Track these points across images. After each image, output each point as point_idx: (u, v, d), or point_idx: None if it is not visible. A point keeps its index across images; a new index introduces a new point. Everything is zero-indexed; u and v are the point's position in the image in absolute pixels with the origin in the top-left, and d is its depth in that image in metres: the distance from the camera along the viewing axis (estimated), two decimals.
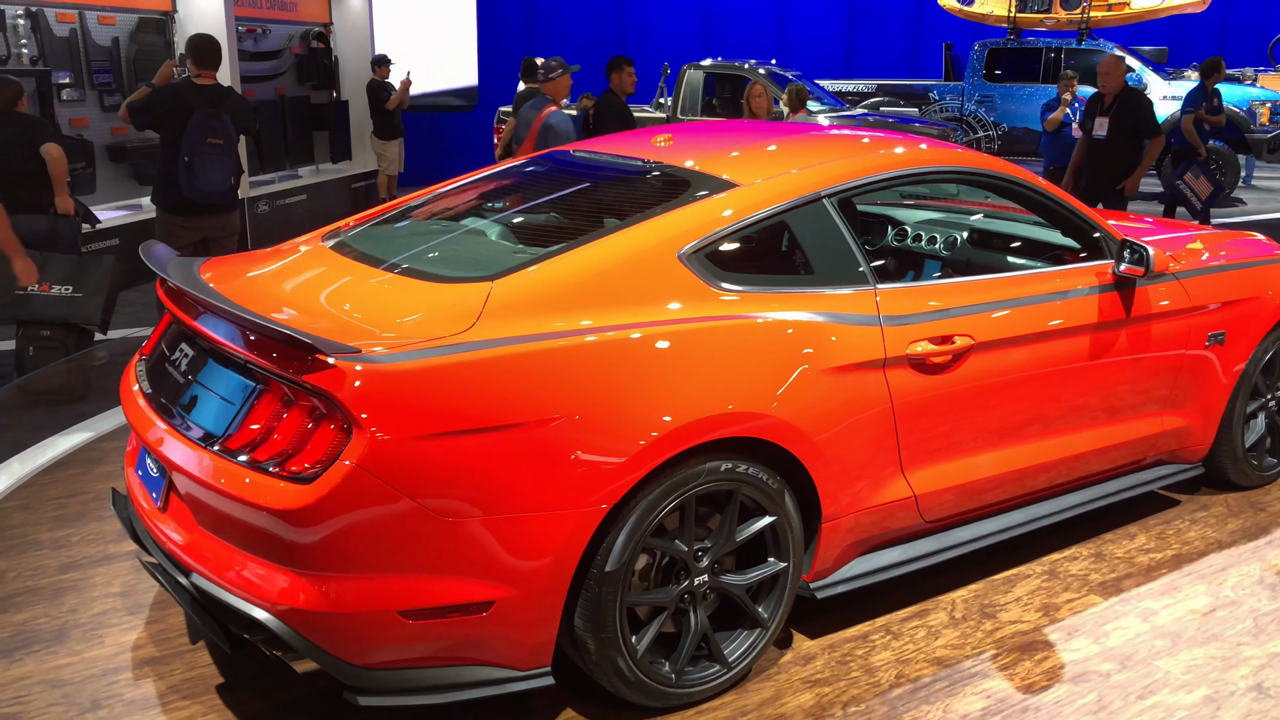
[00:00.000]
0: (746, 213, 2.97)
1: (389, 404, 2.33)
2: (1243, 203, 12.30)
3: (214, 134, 5.65)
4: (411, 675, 2.47)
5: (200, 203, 5.76)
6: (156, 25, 9.18)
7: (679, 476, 2.63)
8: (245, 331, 2.54)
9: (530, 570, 2.46)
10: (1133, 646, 3.16)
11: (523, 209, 3.28)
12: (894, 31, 19.52)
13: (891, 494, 3.11)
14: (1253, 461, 4.25)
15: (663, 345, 2.64)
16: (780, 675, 2.99)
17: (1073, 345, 3.45)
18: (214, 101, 5.77)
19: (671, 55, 13.75)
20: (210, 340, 2.64)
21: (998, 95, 13.79)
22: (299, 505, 2.30)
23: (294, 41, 11.37)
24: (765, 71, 11.61)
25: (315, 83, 11.70)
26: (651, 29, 17.61)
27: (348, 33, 12.22)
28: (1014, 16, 14.75)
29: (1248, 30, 21.22)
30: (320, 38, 11.70)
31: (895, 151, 3.40)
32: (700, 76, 11.57)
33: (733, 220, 2.94)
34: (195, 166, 5.63)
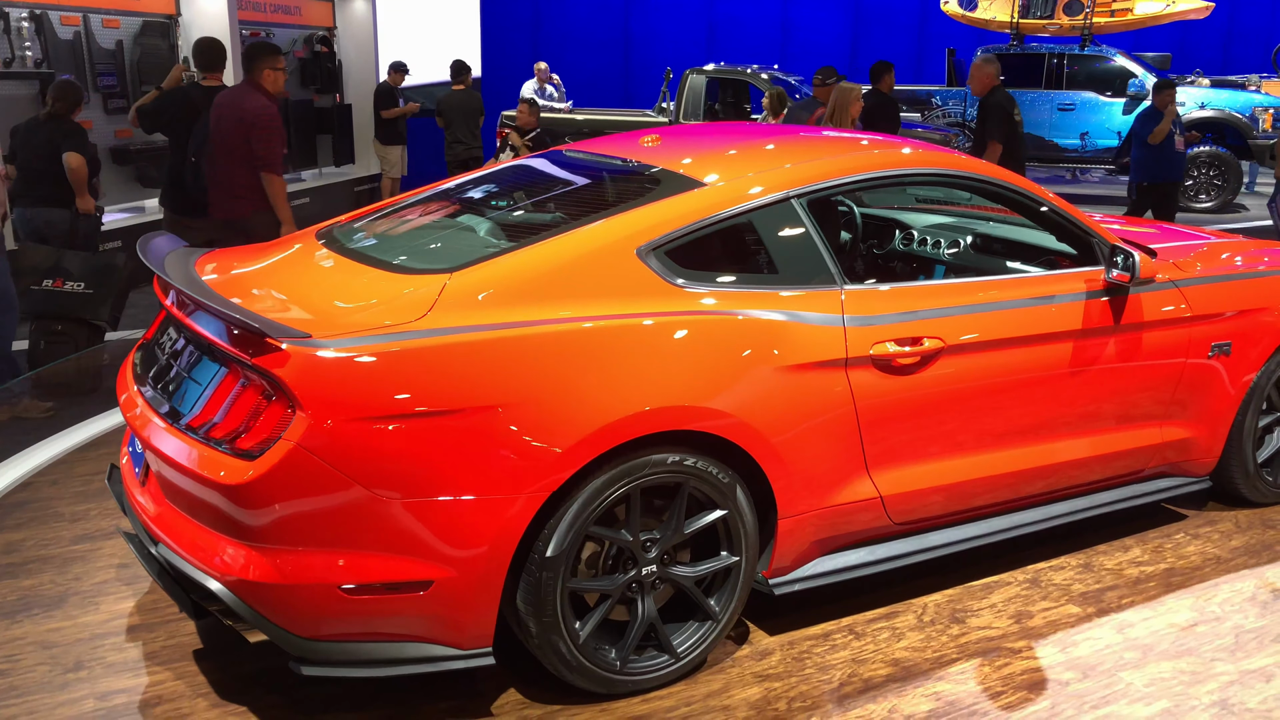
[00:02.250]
0: (710, 211, 3.02)
1: (331, 387, 2.45)
2: (1245, 209, 12.00)
3: None
4: (353, 649, 2.59)
5: (205, 203, 5.79)
6: (160, 28, 9.30)
7: (623, 467, 2.69)
8: (210, 316, 2.69)
9: (468, 552, 2.55)
10: (1100, 657, 3.12)
11: (503, 206, 3.38)
12: (898, 37, 19.47)
13: (855, 494, 3.12)
14: (1267, 477, 4.13)
15: (610, 339, 2.71)
16: (733, 669, 3.03)
17: (1056, 351, 3.41)
18: None
19: (676, 60, 13.84)
20: (183, 324, 2.80)
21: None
22: (242, 481, 2.43)
23: (298, 45, 11.48)
24: (768, 77, 11.56)
25: (319, 86, 11.78)
26: (656, 33, 17.73)
27: (351, 36, 12.33)
28: (1017, 23, 14.66)
29: (1253, 37, 20.98)
30: (324, 41, 11.83)
31: (869, 154, 3.41)
32: (703, 81, 11.61)
33: (695, 218, 2.99)
34: (204, 166, 5.72)
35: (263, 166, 5.58)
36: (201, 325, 2.73)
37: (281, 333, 2.49)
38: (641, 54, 17.51)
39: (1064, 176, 15.42)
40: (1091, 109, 13.38)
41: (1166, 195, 9.21)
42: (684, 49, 16.99)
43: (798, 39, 18.89)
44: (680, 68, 12.19)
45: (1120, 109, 13.21)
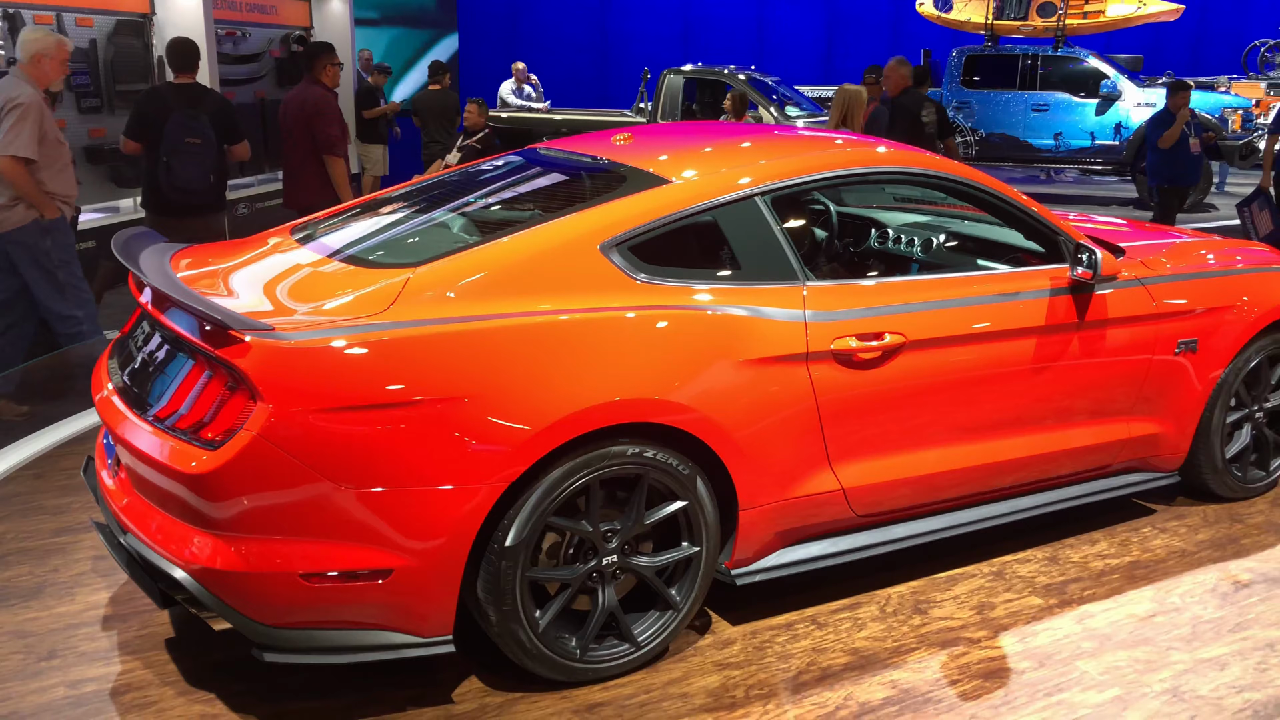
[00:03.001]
0: (673, 208, 3.07)
1: (292, 378, 2.51)
2: (1215, 208, 12.14)
3: (192, 133, 5.78)
4: (315, 636, 2.64)
5: (181, 202, 5.87)
6: (134, 27, 9.21)
7: (582, 458, 2.74)
8: (178, 310, 2.74)
9: (427, 542, 2.60)
10: (1057, 647, 3.16)
11: (474, 203, 3.43)
12: (873, 38, 19.70)
13: (817, 486, 3.17)
14: (1235, 473, 4.17)
15: (569, 332, 2.76)
16: (695, 657, 3.08)
17: (1020, 347, 3.45)
18: (192, 102, 5.91)
19: (652, 60, 13.92)
20: (155, 318, 2.86)
21: (975, 101, 13.86)
22: (204, 470, 2.49)
23: (274, 44, 11.43)
24: (745, 77, 11.62)
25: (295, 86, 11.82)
26: (632, 34, 17.93)
27: (328, 36, 12.20)
28: (991, 24, 14.81)
29: (1222, 39, 21.41)
30: (300, 41, 11.75)
31: (834, 153, 3.46)
32: (680, 81, 11.67)
33: (658, 215, 3.04)
34: (174, 165, 5.77)
35: (325, 150, 6.35)
36: (170, 319, 2.78)
37: (244, 325, 2.55)
38: (618, 54, 17.70)
39: (1039, 176, 15.55)
40: (1065, 109, 13.52)
41: (1183, 199, 9.11)
42: (660, 49, 17.19)
43: (773, 40, 19.19)
44: (656, 68, 12.27)
45: (1093, 110, 13.36)
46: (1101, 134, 13.33)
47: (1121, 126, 13.25)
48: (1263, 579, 3.59)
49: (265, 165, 11.09)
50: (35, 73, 5.16)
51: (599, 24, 17.88)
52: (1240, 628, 3.28)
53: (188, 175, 5.81)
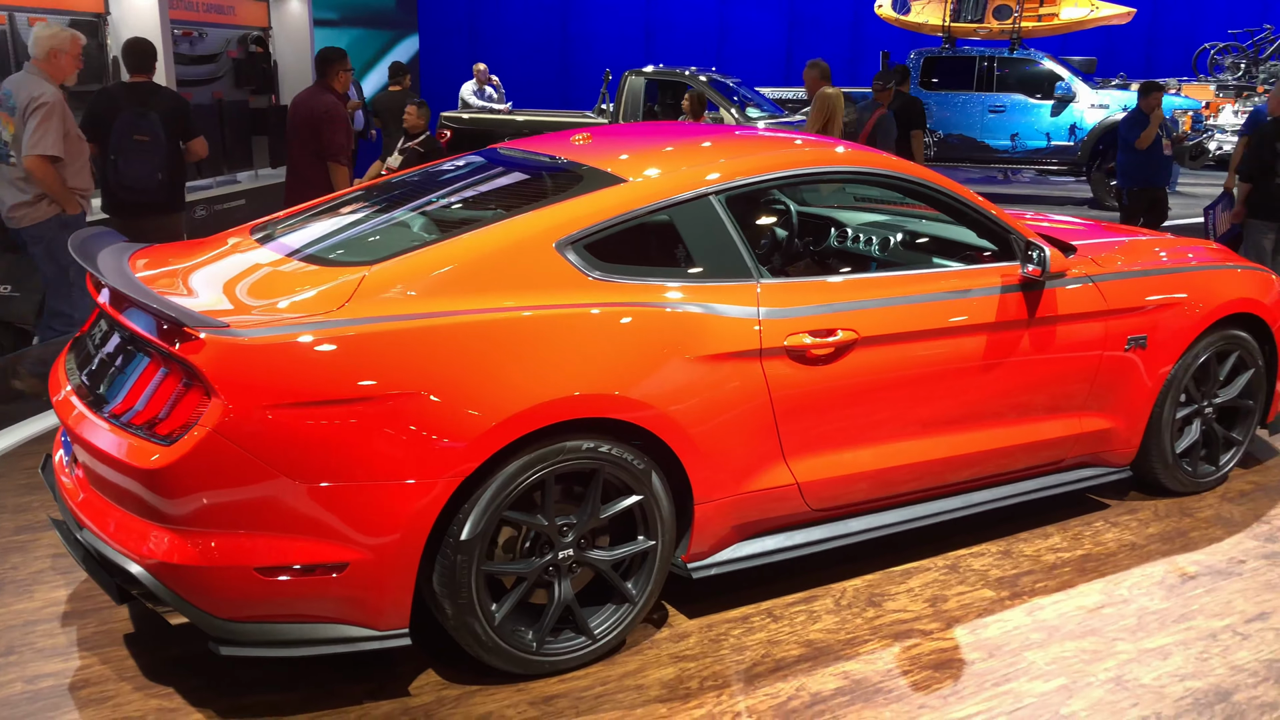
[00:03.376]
0: (628, 207, 3.11)
1: (246, 374, 2.53)
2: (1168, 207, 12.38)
3: (139, 131, 5.71)
4: (271, 629, 2.66)
5: (131, 201, 5.82)
6: (89, 27, 9.07)
7: (537, 453, 2.78)
8: (135, 308, 2.76)
9: (382, 535, 2.63)
10: (1007, 638, 3.22)
11: (433, 202, 3.45)
12: (833, 40, 20.05)
13: (772, 481, 3.22)
14: (1186, 467, 4.25)
15: (523, 329, 2.80)
16: (651, 650, 3.12)
17: (971, 343, 3.51)
18: (142, 100, 5.85)
19: (613, 61, 14.00)
20: (111, 317, 2.88)
21: (933, 103, 14.07)
22: (159, 465, 2.51)
23: (231, 45, 11.33)
24: (706, 79, 11.72)
25: (254, 87, 11.61)
26: (594, 36, 18.09)
27: (287, 37, 12.20)
28: (948, 26, 15.09)
29: (1172, 42, 22.02)
30: (259, 42, 11.69)
31: (789, 152, 3.51)
32: (642, 83, 11.75)
33: (613, 214, 3.08)
34: (120, 164, 5.72)
35: (329, 156, 6.39)
36: (127, 317, 2.80)
37: (198, 321, 2.57)
38: (579, 56, 17.85)
39: (996, 177, 15.80)
40: (1021, 110, 13.72)
41: (1155, 201, 9.01)
42: (622, 51, 17.32)
43: (733, 41, 19.44)
44: (618, 69, 12.33)
45: (1049, 111, 13.58)
46: (1057, 135, 13.57)
47: (1076, 127, 13.49)
48: (1209, 571, 3.67)
49: (224, 167, 10.95)
50: (51, 69, 5.21)
51: (560, 26, 18.02)
52: (1184, 618, 3.35)
53: (135, 173, 5.74)
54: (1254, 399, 4.37)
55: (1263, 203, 7.01)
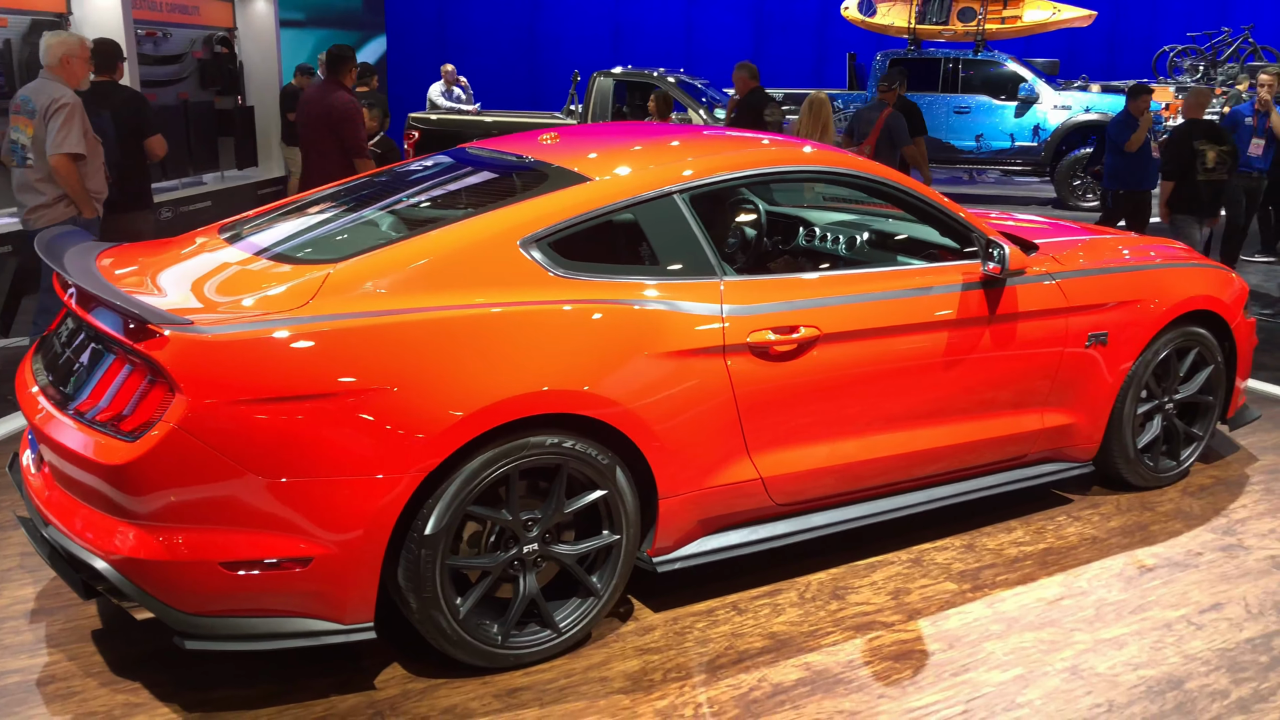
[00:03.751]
0: (592, 205, 3.15)
1: (210, 370, 2.55)
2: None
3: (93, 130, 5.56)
4: (236, 624, 2.68)
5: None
6: (50, 27, 8.79)
7: (501, 449, 2.81)
8: (100, 305, 2.78)
9: (346, 530, 2.65)
10: (967, 629, 3.28)
11: (400, 201, 3.48)
12: (799, 42, 20.44)
13: (736, 475, 3.26)
14: (1147, 462, 4.32)
15: (485, 326, 2.83)
16: (617, 643, 3.16)
17: (933, 340, 3.56)
18: (96, 100, 5.79)
19: (582, 62, 14.10)
20: (78, 315, 2.89)
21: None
22: (123, 461, 2.53)
23: (197, 46, 11.23)
24: (674, 80, 11.82)
25: (219, 88, 11.51)
26: (562, 37, 18.24)
27: (253, 37, 12.06)
28: (914, 28, 15.38)
29: (1133, 44, 22.63)
30: (224, 42, 11.59)
31: (753, 152, 3.55)
32: (610, 84, 11.83)
33: (577, 212, 3.12)
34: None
35: (354, 153, 6.59)
36: (92, 315, 2.82)
37: (163, 319, 2.59)
38: (548, 56, 18.00)
39: (962, 177, 15.99)
40: (986, 112, 13.92)
41: (1140, 204, 8.78)
42: (590, 52, 17.44)
43: (701, 43, 19.67)
44: (586, 70, 12.40)
45: (1013, 112, 13.79)
46: (1021, 135, 13.76)
47: (1040, 128, 13.68)
48: (1166, 563, 3.74)
49: (190, 168, 10.80)
50: (66, 74, 5.30)
51: (528, 27, 18.16)
52: (1141, 609, 3.41)
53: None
54: (1214, 395, 4.44)
55: (1186, 199, 7.46)
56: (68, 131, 5.10)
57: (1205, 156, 7.34)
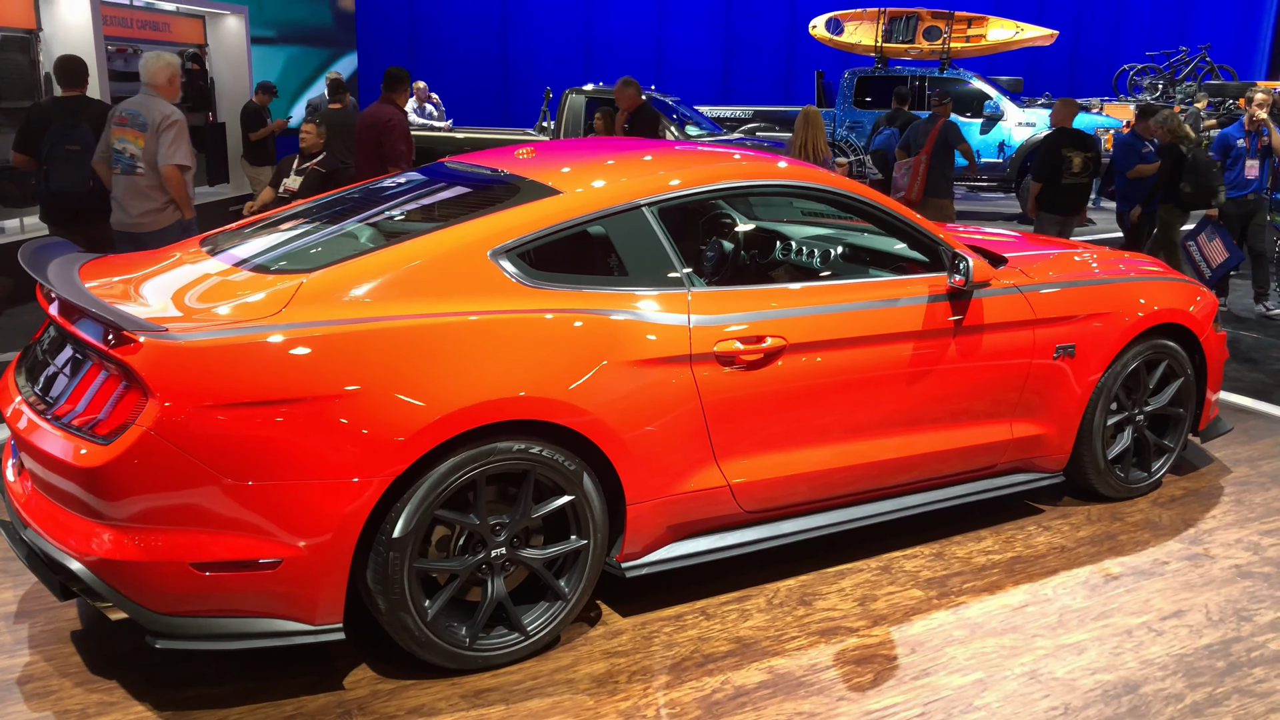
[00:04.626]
0: (562, 217, 3.23)
1: (182, 376, 2.63)
2: (1092, 222, 12.97)
3: (71, 141, 5.95)
4: (208, 623, 2.75)
5: (63, 207, 6.03)
6: (20, 43, 8.93)
7: (468, 454, 2.88)
8: (78, 313, 2.86)
9: (315, 532, 2.72)
10: (930, 635, 3.33)
11: (376, 213, 3.56)
12: (768, 60, 20.92)
13: (704, 482, 3.33)
14: (1118, 473, 4.38)
15: (453, 334, 2.91)
16: (584, 646, 3.21)
17: (899, 351, 3.63)
18: (72, 112, 6.10)
19: (554, 80, 14.34)
20: (57, 323, 2.97)
21: (867, 121, 14.61)
22: (97, 463, 2.60)
23: None
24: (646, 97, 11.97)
25: (190, 104, 11.49)
26: (534, 54, 18.51)
27: (224, 55, 12.12)
28: (880, 46, 15.76)
29: (1094, 62, 23.56)
30: (195, 59, 11.65)
31: (722, 166, 3.64)
32: (582, 101, 11.97)
33: (547, 224, 3.20)
34: (52, 172, 5.94)
35: (390, 161, 7.14)
36: (70, 322, 2.90)
37: (137, 325, 2.67)
38: (520, 74, 18.28)
39: None
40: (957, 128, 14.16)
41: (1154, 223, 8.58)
42: (562, 69, 17.68)
43: (672, 60, 20.05)
44: (558, 87, 12.57)
45: (978, 129, 14.01)
46: (986, 152, 13.93)
47: (1005, 145, 13.91)
48: (1132, 572, 3.79)
49: None
50: (169, 91, 5.78)
51: (500, 44, 18.44)
52: (1104, 616, 3.47)
53: (65, 180, 5.95)
54: (1184, 407, 4.50)
55: (1051, 199, 8.10)
56: (179, 145, 5.58)
57: (1071, 162, 7.93)
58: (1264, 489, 4.61)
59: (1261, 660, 3.23)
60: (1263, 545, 4.03)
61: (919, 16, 15.85)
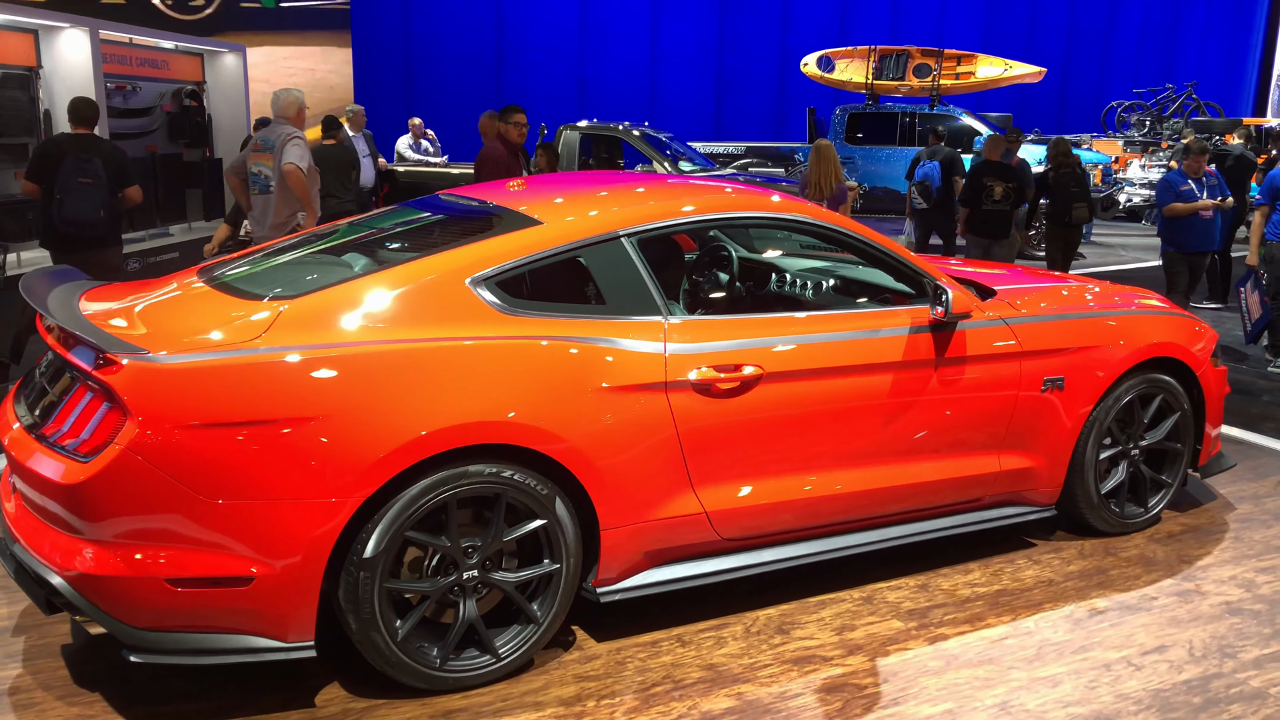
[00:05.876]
0: (541, 247, 3.31)
1: (160, 396, 2.72)
2: (1083, 257, 13.01)
3: (84, 174, 6.21)
4: (181, 639, 2.82)
5: (73, 235, 6.26)
6: (20, 80, 9.00)
7: (439, 476, 2.94)
8: (71, 338, 2.98)
9: (287, 551, 2.79)
10: (905, 665, 3.33)
11: (367, 242, 3.66)
12: (761, 97, 21.32)
13: (680, 509, 3.36)
14: (1113, 508, 4.34)
15: (426, 359, 2.98)
16: (558, 670, 3.25)
17: (880, 381, 3.65)
18: (85, 148, 6.36)
19: (549, 116, 14.60)
20: (52, 348, 3.09)
21: (859, 156, 14.88)
22: (76, 480, 2.70)
23: (165, 99, 11.36)
24: (639, 133, 12.11)
25: (188, 140, 11.64)
26: (529, 91, 18.77)
27: (222, 91, 12.26)
28: (871, 84, 16.05)
29: (1082, 99, 24.20)
30: (193, 95, 11.78)
31: (706, 198, 3.71)
32: (576, 137, 12.14)
33: (526, 253, 3.28)
34: (66, 201, 6.20)
35: None
36: (63, 346, 3.02)
37: (119, 348, 2.78)
38: None
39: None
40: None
41: (1196, 268, 8.20)
42: (556, 107, 17.93)
43: (664, 98, 20.42)
44: (553, 124, 12.74)
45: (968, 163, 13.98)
46: None
47: None
48: (1119, 607, 3.76)
49: (157, 219, 10.83)
50: (296, 122, 6.70)
51: (495, 81, 18.86)
52: (1083, 650, 3.44)
53: (78, 209, 6.21)
54: (1182, 442, 4.47)
55: (977, 223, 8.99)
56: (301, 153, 6.41)
57: (993, 190, 8.85)
58: (1266, 526, 4.55)
59: (1240, 697, 3.19)
60: (1257, 582, 3.98)
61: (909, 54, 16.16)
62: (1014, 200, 8.86)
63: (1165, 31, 26.10)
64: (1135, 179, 16.91)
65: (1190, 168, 8.13)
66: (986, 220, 8.91)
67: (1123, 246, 14.99)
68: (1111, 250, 14.67)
